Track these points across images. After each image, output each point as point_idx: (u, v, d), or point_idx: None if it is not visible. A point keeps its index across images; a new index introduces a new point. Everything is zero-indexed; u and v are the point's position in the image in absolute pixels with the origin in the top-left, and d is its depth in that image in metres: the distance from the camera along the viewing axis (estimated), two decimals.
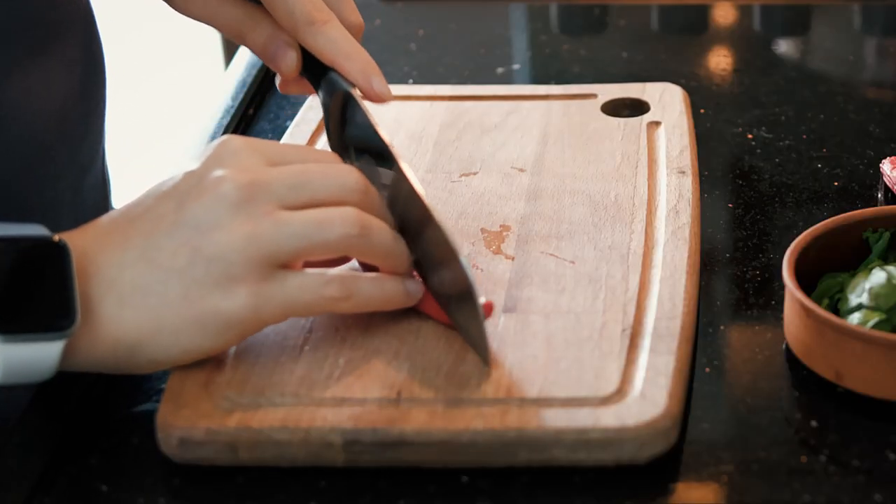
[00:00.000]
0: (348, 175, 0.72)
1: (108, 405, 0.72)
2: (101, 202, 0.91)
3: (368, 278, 0.72)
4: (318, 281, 0.70)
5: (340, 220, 0.70)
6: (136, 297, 0.68)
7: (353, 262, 0.76)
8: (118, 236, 0.69)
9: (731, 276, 0.81)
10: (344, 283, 0.70)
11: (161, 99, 2.62)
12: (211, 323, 0.68)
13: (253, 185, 0.69)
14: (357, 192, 0.72)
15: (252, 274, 0.68)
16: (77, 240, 0.68)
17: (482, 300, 0.72)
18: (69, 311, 0.65)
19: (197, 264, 0.68)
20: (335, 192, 0.71)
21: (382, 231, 0.72)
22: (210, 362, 0.71)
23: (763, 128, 0.98)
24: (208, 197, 0.69)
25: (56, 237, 0.66)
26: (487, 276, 0.77)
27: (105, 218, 0.70)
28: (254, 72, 1.07)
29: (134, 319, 0.67)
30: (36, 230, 0.66)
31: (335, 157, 0.76)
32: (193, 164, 0.71)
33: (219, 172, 0.70)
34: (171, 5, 0.82)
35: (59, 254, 0.66)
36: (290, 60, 0.79)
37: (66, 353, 0.66)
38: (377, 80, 0.78)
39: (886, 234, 0.76)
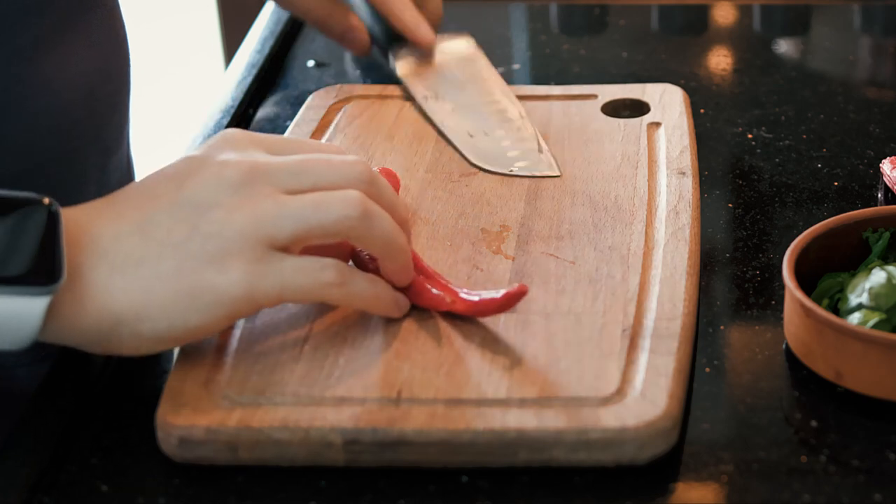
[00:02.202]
0: (353, 165, 0.72)
1: (107, 404, 0.72)
2: (125, 184, 0.92)
3: (364, 274, 0.72)
4: (314, 265, 0.69)
5: (341, 203, 0.69)
6: (129, 267, 0.67)
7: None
8: (115, 211, 0.69)
9: (731, 276, 0.81)
10: (340, 270, 0.70)
11: (161, 99, 2.62)
12: (202, 297, 0.68)
13: (255, 169, 0.69)
14: (363, 181, 0.71)
15: (248, 253, 0.68)
16: (71, 211, 0.68)
17: (514, 286, 0.71)
18: (54, 268, 0.65)
19: (193, 240, 0.68)
20: (339, 181, 0.71)
21: (384, 219, 0.71)
22: (210, 361, 0.71)
23: (763, 128, 0.97)
24: (210, 178, 0.69)
25: (46, 199, 0.66)
26: (487, 276, 0.77)
27: (104, 198, 0.71)
28: (254, 72, 1.07)
29: (123, 289, 0.67)
30: (29, 194, 0.66)
31: (340, 150, 0.76)
32: (195, 152, 0.71)
33: (221, 157, 0.70)
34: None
35: (48, 213, 0.65)
36: (362, 45, 1.03)
37: (51, 318, 0.66)
38: (423, 28, 1.01)
39: (886, 234, 0.76)
